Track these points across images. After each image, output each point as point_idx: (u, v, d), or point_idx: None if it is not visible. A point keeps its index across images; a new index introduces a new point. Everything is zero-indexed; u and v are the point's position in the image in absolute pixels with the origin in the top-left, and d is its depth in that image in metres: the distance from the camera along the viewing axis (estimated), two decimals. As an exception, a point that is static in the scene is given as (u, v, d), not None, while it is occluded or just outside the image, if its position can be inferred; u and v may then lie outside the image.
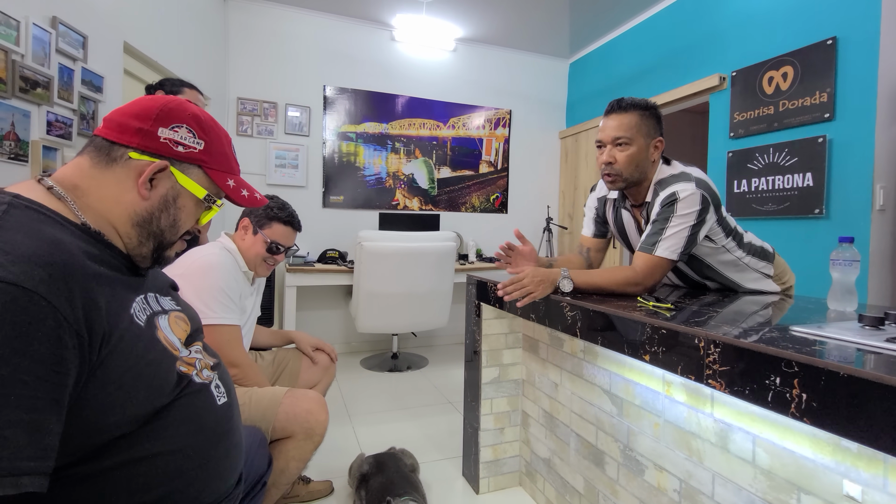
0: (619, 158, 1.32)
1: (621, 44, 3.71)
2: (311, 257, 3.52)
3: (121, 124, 0.70)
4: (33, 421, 0.51)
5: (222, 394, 0.80)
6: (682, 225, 1.25)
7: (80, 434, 0.57)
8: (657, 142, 1.35)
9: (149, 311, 0.71)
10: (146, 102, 0.72)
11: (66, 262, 0.57)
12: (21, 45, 1.48)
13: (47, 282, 0.54)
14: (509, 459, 1.76)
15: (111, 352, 0.60)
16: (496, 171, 4.19)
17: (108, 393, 0.60)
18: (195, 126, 0.74)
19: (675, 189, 1.27)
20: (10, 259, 0.52)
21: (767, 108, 2.49)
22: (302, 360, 1.73)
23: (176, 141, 0.72)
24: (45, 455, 0.52)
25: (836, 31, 2.21)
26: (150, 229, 0.72)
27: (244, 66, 3.44)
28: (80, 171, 0.69)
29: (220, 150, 0.77)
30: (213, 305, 1.32)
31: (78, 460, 0.59)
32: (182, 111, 0.73)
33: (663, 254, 1.26)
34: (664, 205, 1.28)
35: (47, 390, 0.52)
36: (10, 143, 1.46)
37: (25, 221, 0.58)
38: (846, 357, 0.67)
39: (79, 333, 0.56)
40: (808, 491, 0.83)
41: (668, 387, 1.13)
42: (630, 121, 1.31)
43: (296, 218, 1.56)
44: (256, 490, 1.03)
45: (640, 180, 1.36)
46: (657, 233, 1.29)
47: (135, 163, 0.70)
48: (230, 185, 0.79)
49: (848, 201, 2.16)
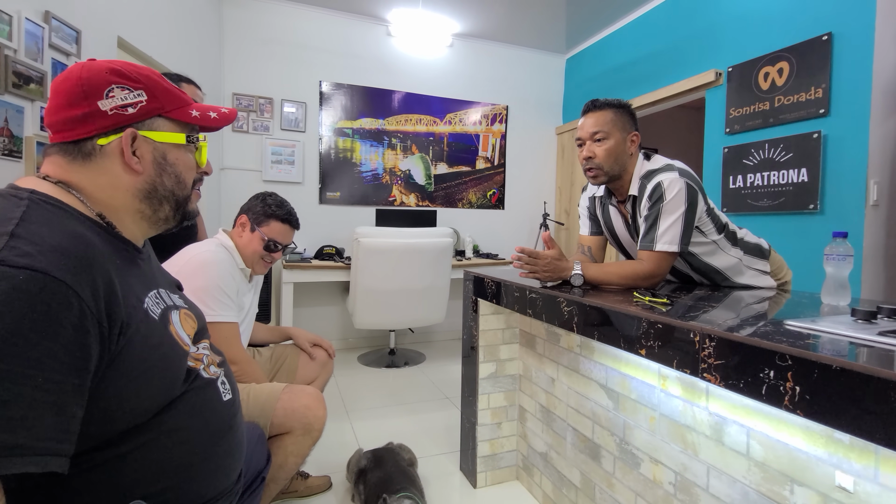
0: (598, 152, 1.39)
1: (617, 39, 3.70)
2: (307, 254, 3.51)
3: (65, 121, 0.67)
4: (58, 404, 0.52)
5: (227, 390, 0.81)
6: (674, 215, 1.30)
7: (97, 421, 0.59)
8: (633, 136, 1.42)
9: (162, 305, 0.72)
10: (64, 86, 0.67)
11: (89, 254, 0.59)
12: (14, 40, 1.47)
13: (73, 272, 0.55)
14: (506, 454, 1.77)
15: (128, 342, 0.61)
16: (493, 167, 4.19)
17: (124, 383, 0.61)
18: (121, 80, 0.69)
19: (659, 179, 1.32)
20: (39, 250, 0.54)
21: (763, 104, 2.50)
22: (300, 357, 1.73)
23: (121, 105, 0.68)
24: (68, 438, 0.54)
25: (831, 27, 2.22)
26: (158, 196, 0.73)
27: (239, 61, 3.42)
28: (64, 169, 0.68)
29: (161, 88, 0.72)
30: (210, 303, 1.32)
31: (94, 447, 0.60)
32: (98, 74, 0.68)
33: (664, 248, 1.30)
34: (652, 199, 1.33)
35: (72, 375, 0.54)
36: (3, 139, 1.45)
37: (47, 216, 0.60)
38: (839, 350, 0.68)
39: (100, 323, 0.57)
40: (801, 482, 0.84)
41: (663, 381, 1.14)
42: (605, 117, 1.40)
43: (294, 216, 1.56)
44: (255, 485, 1.04)
45: (620, 173, 1.42)
46: (652, 228, 1.32)
47: (108, 147, 0.68)
48: (196, 115, 0.76)
49: (842, 196, 2.17)
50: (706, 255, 1.43)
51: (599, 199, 1.59)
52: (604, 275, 1.34)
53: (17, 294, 0.50)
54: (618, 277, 1.33)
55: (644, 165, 1.41)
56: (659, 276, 1.33)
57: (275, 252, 1.52)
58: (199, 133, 0.79)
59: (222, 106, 0.82)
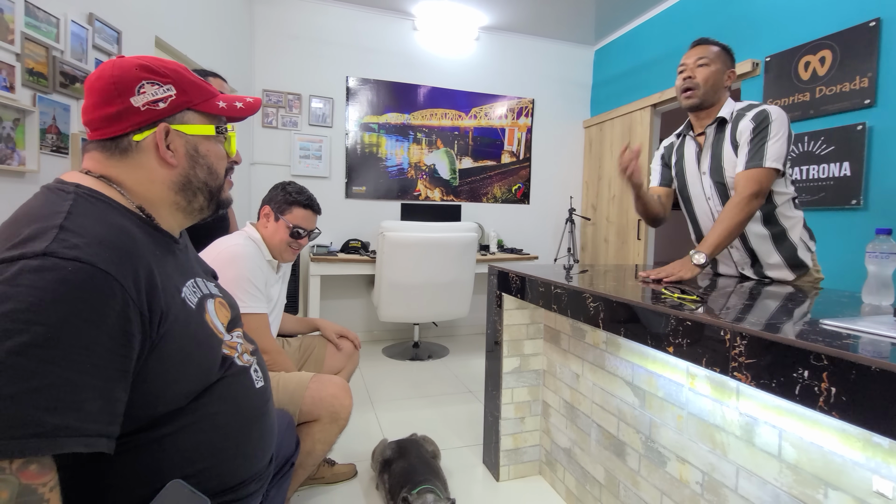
0: (699, 74, 1.48)
1: (649, 29, 3.60)
2: (334, 247, 3.58)
3: (102, 119, 0.69)
4: (104, 388, 0.56)
5: (260, 378, 0.84)
6: (780, 136, 1.36)
7: (139, 405, 0.62)
8: (730, 72, 1.51)
9: (199, 293, 0.75)
10: (97, 84, 0.69)
11: (131, 246, 0.62)
12: (60, 42, 1.54)
13: (117, 263, 0.59)
14: (529, 448, 1.77)
15: (168, 330, 0.64)
16: (518, 161, 4.16)
17: (164, 368, 0.64)
18: (151, 75, 0.71)
19: (764, 107, 1.41)
20: (86, 242, 0.58)
21: (803, 95, 2.40)
22: (327, 347, 1.77)
23: (152, 101, 0.70)
24: (113, 420, 0.57)
25: (879, 12, 2.10)
26: (192, 188, 0.76)
27: (269, 57, 3.49)
28: (104, 165, 0.71)
29: (189, 81, 0.74)
30: (240, 295, 1.36)
31: (137, 429, 0.64)
32: (128, 71, 0.70)
33: (771, 164, 1.35)
34: (758, 122, 1.39)
35: (116, 362, 0.57)
36: (52, 136, 1.53)
37: (92, 209, 0.64)
38: (880, 351, 0.65)
39: (142, 312, 0.60)
40: (835, 486, 0.81)
41: (691, 379, 1.12)
42: (711, 50, 1.49)
43: (314, 201, 1.60)
44: (285, 470, 1.07)
45: (711, 103, 1.50)
46: (760, 146, 1.37)
47: (143, 143, 0.71)
48: (222, 106, 0.78)
49: (887, 192, 2.06)
50: (782, 206, 1.46)
51: (677, 138, 1.67)
52: (718, 234, 1.35)
53: (66, 284, 0.53)
54: (732, 222, 1.34)
55: (736, 104, 1.49)
56: (763, 193, 1.36)
57: (300, 238, 1.56)
58: (227, 123, 0.81)
59: (247, 96, 0.84)
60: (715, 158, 1.49)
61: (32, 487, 0.51)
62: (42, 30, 1.47)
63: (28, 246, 0.55)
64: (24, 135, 1.41)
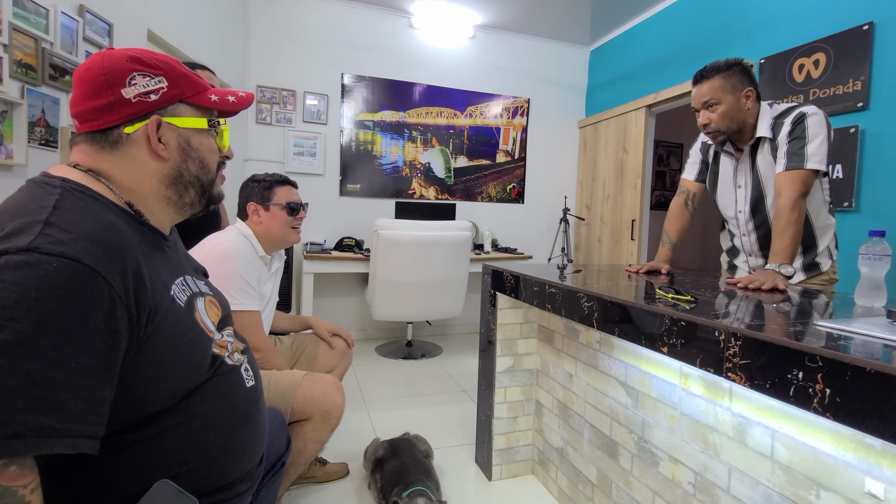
0: (713, 118, 1.44)
1: (644, 30, 3.61)
2: (328, 245, 3.56)
3: (91, 110, 0.68)
4: (89, 388, 0.54)
5: (250, 377, 0.83)
6: (820, 136, 1.34)
7: (126, 404, 0.60)
8: (747, 92, 1.43)
9: (188, 292, 0.74)
10: (87, 76, 0.68)
11: (119, 242, 0.61)
12: (50, 33, 1.52)
13: (104, 260, 0.57)
14: (522, 448, 1.77)
15: (155, 329, 0.63)
16: (513, 160, 4.16)
17: (152, 367, 0.63)
18: (142, 67, 0.69)
19: (802, 110, 1.39)
20: (72, 237, 0.56)
21: (797, 98, 2.41)
22: (319, 345, 1.76)
23: (143, 93, 0.69)
24: (99, 420, 0.56)
25: (872, 16, 2.11)
26: (184, 181, 0.74)
27: (264, 53, 3.46)
28: (93, 158, 0.69)
29: (180, 74, 0.73)
30: (232, 292, 1.34)
31: (124, 429, 0.62)
32: (119, 62, 0.68)
33: (813, 165, 1.33)
34: (797, 125, 1.37)
35: (102, 361, 0.55)
36: (40, 129, 1.50)
37: (79, 204, 0.62)
38: (873, 353, 0.65)
39: (129, 310, 0.59)
40: (827, 487, 0.81)
41: (685, 379, 1.12)
42: (712, 85, 1.43)
43: (287, 177, 1.62)
44: (276, 469, 1.06)
45: (740, 129, 1.46)
46: (801, 148, 1.35)
47: (134, 135, 0.69)
48: (215, 100, 0.76)
49: (880, 194, 2.08)
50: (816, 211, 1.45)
51: (712, 147, 1.63)
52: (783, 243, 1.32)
53: (50, 281, 0.52)
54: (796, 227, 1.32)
55: (774, 109, 1.45)
56: (807, 194, 1.35)
57: (298, 213, 1.57)
58: (220, 118, 0.80)
59: (240, 90, 0.82)
60: (754, 173, 1.48)
61: (13, 489, 0.49)
62: (31, 21, 1.45)
63: (11, 241, 0.53)
64: (11, 127, 1.38)
